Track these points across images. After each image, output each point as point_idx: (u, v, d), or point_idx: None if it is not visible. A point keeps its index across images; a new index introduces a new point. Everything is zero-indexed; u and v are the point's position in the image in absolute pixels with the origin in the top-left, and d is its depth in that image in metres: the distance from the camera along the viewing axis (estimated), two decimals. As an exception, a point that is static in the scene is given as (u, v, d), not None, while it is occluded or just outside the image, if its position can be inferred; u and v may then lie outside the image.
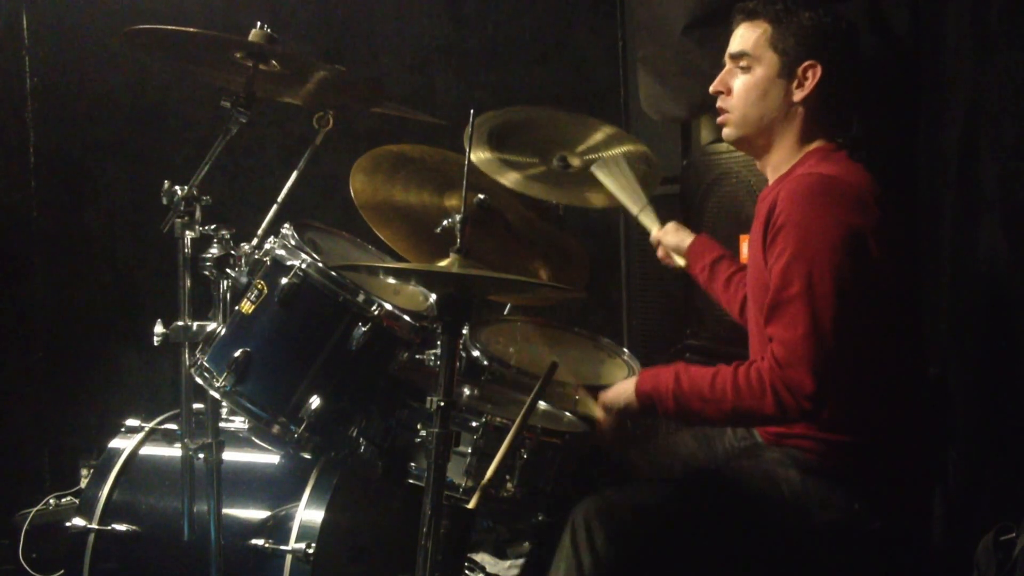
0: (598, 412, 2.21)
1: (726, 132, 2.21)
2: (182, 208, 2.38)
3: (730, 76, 2.18)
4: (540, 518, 2.29)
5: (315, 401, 2.32)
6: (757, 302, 2.11)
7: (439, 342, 2.25)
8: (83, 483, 3.20)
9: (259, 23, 2.40)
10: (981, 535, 2.15)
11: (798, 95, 2.12)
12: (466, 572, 2.75)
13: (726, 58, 2.20)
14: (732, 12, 2.20)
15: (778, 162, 2.18)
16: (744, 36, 2.16)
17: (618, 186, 2.66)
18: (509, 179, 2.72)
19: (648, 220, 2.64)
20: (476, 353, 2.55)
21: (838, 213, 1.96)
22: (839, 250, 1.93)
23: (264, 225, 2.60)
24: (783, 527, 2.02)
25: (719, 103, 2.21)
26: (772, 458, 2.09)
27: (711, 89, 2.21)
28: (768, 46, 2.12)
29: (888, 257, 1.99)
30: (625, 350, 2.82)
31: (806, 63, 2.10)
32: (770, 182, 2.21)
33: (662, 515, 2.03)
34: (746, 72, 2.15)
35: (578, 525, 1.97)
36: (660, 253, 2.66)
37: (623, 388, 2.15)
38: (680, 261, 2.60)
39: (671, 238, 2.61)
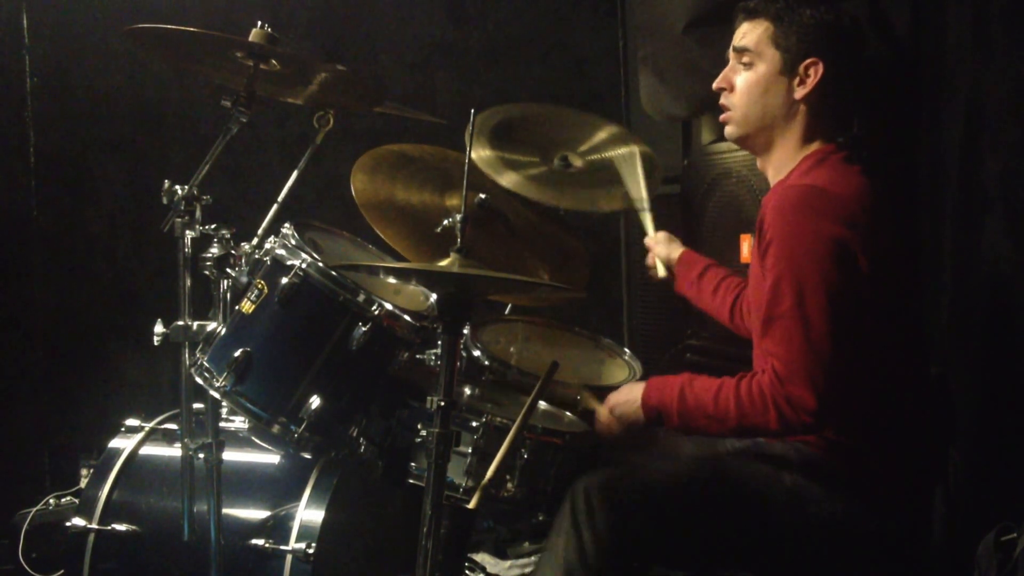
0: (600, 411, 2.21)
1: (728, 130, 2.20)
2: (182, 208, 2.38)
3: (733, 73, 2.18)
4: (540, 518, 2.29)
5: (315, 401, 2.32)
6: (756, 308, 2.11)
7: (439, 342, 2.25)
8: (83, 483, 3.19)
9: (259, 23, 2.40)
10: (982, 535, 2.14)
11: (800, 92, 2.11)
12: (466, 572, 2.75)
13: (729, 52, 2.19)
14: (734, 9, 2.20)
15: (779, 162, 2.17)
16: (747, 32, 2.15)
17: (632, 179, 2.66)
18: (509, 180, 2.72)
19: (647, 222, 2.66)
20: (477, 353, 2.55)
21: (822, 225, 1.96)
22: (826, 262, 1.94)
23: (264, 225, 2.59)
24: (783, 517, 2.02)
25: (722, 100, 2.20)
26: (775, 453, 2.09)
27: (714, 86, 2.20)
28: (770, 43, 2.11)
29: (878, 268, 1.98)
30: (626, 350, 2.82)
31: (808, 61, 2.09)
32: (771, 183, 2.20)
33: (664, 494, 2.03)
34: (748, 69, 2.14)
35: (578, 499, 1.97)
36: (648, 260, 2.67)
37: (630, 397, 2.14)
38: (662, 272, 2.62)
39: (662, 249, 2.63)
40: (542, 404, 2.45)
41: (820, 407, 1.91)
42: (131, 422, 2.68)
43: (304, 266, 2.35)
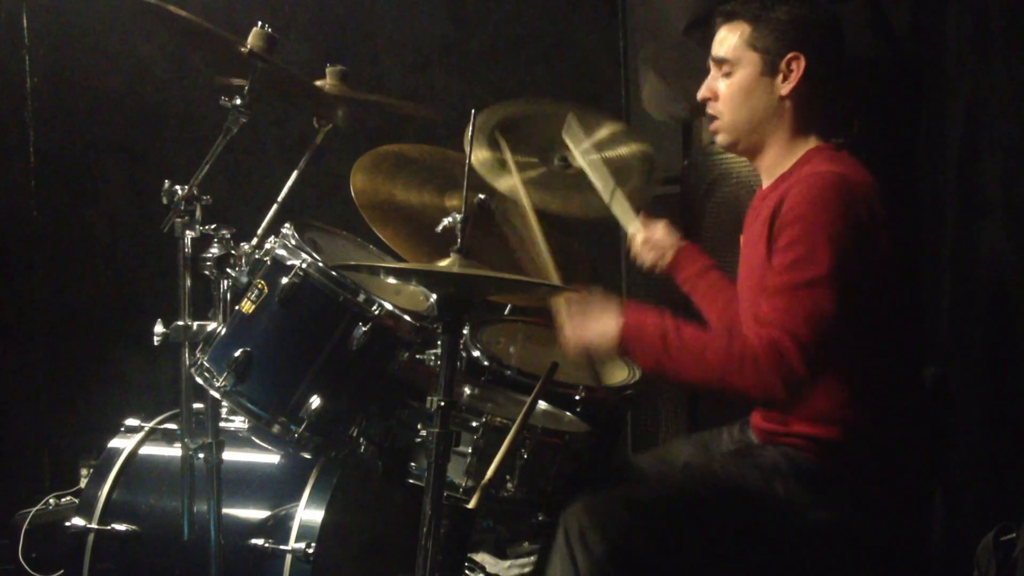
0: (565, 329, 2.11)
1: (719, 139, 2.20)
2: (182, 208, 2.38)
3: (715, 81, 2.18)
4: (540, 518, 2.29)
5: (315, 401, 2.32)
6: (755, 291, 2.10)
7: (439, 342, 2.25)
8: (83, 483, 3.19)
9: (259, 23, 2.40)
10: (981, 535, 2.15)
11: (785, 89, 2.10)
12: (466, 572, 2.75)
13: (710, 62, 2.19)
14: (713, 15, 2.20)
15: (772, 161, 2.16)
16: (724, 39, 2.15)
17: (590, 165, 2.49)
18: (505, 184, 2.69)
19: (621, 211, 2.46)
20: (476, 353, 2.55)
21: (847, 208, 1.95)
22: (845, 241, 1.93)
23: (264, 225, 2.59)
24: (778, 527, 2.01)
25: (708, 110, 2.20)
26: (767, 457, 2.08)
27: (698, 97, 2.20)
28: (747, 47, 2.11)
29: (894, 254, 1.99)
30: (625, 350, 2.81)
31: (789, 56, 2.09)
32: (764, 184, 2.19)
33: (655, 513, 2.02)
34: (728, 76, 2.14)
35: (571, 524, 1.96)
36: (646, 251, 2.50)
37: (603, 329, 2.03)
38: (669, 255, 2.47)
39: (662, 234, 2.50)
40: (542, 404, 2.45)
41: (807, 379, 1.89)
42: (131, 422, 2.68)
43: (304, 266, 2.35)
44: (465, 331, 2.53)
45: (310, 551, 2.36)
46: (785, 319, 1.91)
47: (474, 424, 2.24)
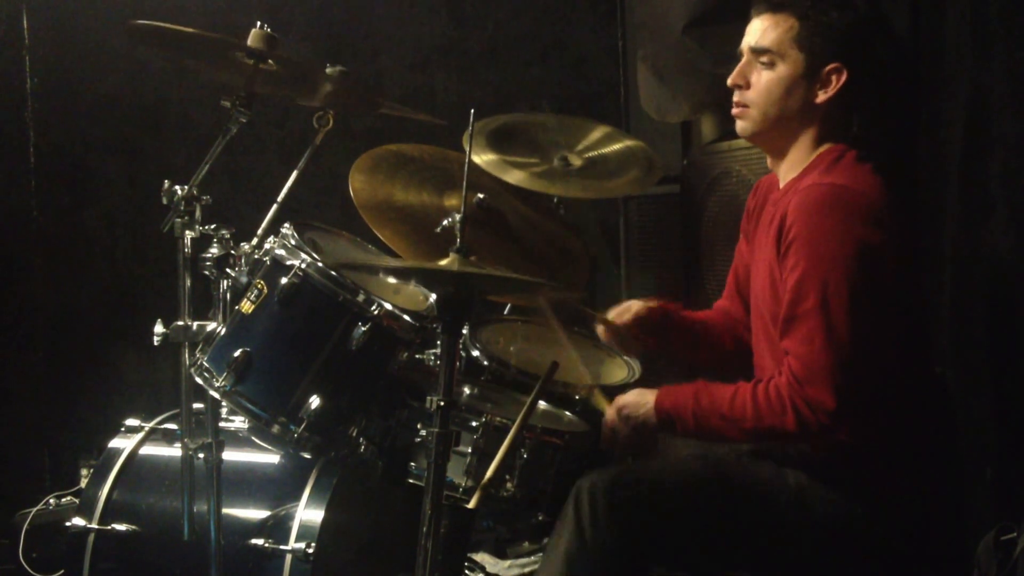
0: (609, 411, 2.19)
1: (742, 126, 2.14)
2: (182, 208, 2.38)
3: (749, 69, 2.10)
4: (540, 518, 2.29)
5: (315, 401, 2.32)
6: (769, 309, 2.09)
7: (439, 342, 2.25)
8: (83, 483, 3.19)
9: (259, 23, 2.40)
10: (981, 535, 2.15)
11: (821, 97, 2.06)
12: (466, 572, 2.75)
13: (743, 49, 2.12)
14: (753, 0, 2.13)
15: (792, 163, 2.13)
16: (767, 30, 2.08)
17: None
18: (512, 177, 2.72)
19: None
20: (476, 353, 2.55)
21: (849, 225, 1.93)
22: (852, 262, 1.91)
23: (264, 225, 2.59)
24: (787, 519, 2.01)
25: (736, 96, 2.13)
26: (778, 456, 2.08)
27: (729, 82, 2.14)
28: (794, 43, 2.05)
29: (901, 265, 1.98)
30: (625, 349, 2.82)
31: (831, 66, 2.04)
32: (782, 182, 2.16)
33: (667, 495, 2.02)
34: (769, 68, 2.07)
35: (582, 498, 1.96)
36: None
37: (641, 400, 2.10)
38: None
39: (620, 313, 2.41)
40: (542, 404, 2.45)
41: (839, 409, 1.89)
42: (131, 422, 2.68)
43: (304, 266, 2.35)
44: (465, 331, 2.52)
45: (310, 551, 2.36)
46: (803, 350, 1.92)
47: (474, 424, 2.24)
